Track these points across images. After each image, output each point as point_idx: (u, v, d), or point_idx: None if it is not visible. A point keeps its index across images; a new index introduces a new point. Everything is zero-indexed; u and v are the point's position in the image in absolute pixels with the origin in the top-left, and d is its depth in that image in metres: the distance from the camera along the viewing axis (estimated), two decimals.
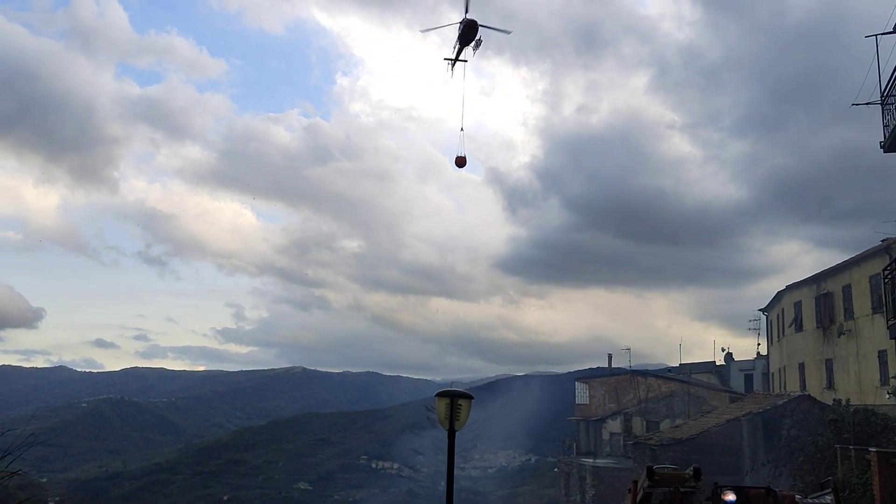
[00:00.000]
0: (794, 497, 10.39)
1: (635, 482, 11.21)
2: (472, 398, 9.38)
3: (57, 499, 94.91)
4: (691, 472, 10.30)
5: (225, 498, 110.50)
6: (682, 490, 10.18)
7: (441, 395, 9.30)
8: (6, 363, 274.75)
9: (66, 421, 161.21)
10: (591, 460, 42.92)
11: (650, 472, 10.31)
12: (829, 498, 10.14)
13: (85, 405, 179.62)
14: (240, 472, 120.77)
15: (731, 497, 10.52)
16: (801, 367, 38.32)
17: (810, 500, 10.16)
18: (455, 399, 9.19)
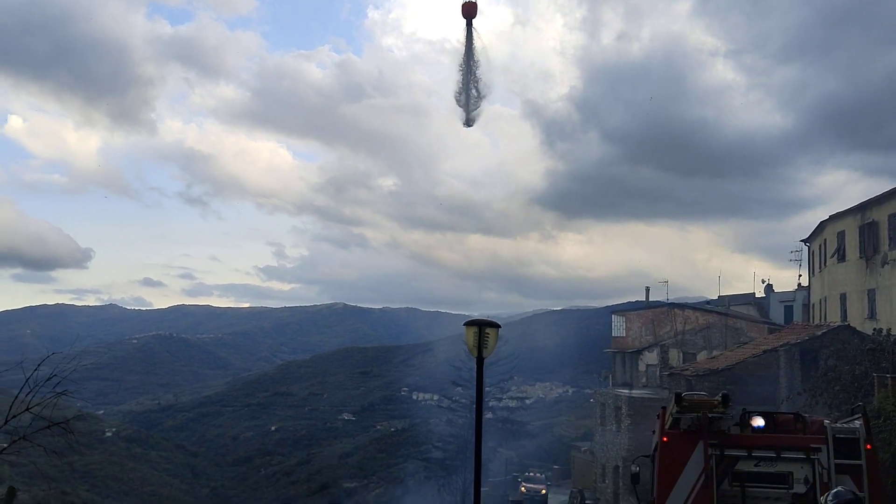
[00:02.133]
0: (823, 422, 10.42)
1: (664, 408, 11.34)
2: (500, 326, 9.53)
3: (113, 429, 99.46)
4: (720, 399, 10.38)
5: (273, 428, 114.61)
6: (709, 415, 10.29)
7: (469, 324, 9.47)
8: (59, 302, 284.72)
9: (118, 357, 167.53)
10: (627, 391, 43.25)
11: (678, 399, 10.42)
12: (858, 423, 10.14)
13: (136, 342, 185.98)
14: (286, 403, 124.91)
15: (758, 422, 10.60)
16: (843, 297, 37.77)
17: (839, 425, 10.18)
18: (483, 327, 9.35)
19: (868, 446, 9.79)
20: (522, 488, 47.52)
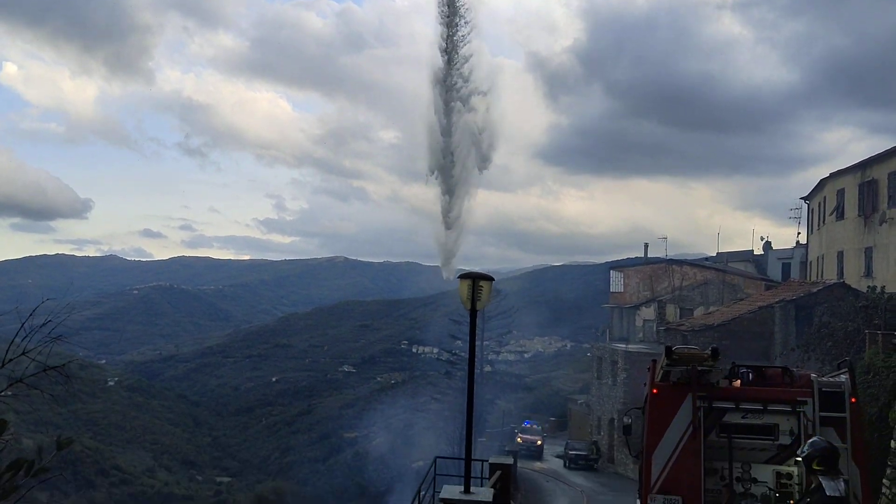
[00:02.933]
0: (810, 376, 10.61)
1: (654, 361, 11.53)
2: (493, 280, 9.64)
3: (116, 379, 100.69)
4: (709, 353, 10.55)
5: (273, 379, 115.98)
6: (699, 369, 10.47)
7: (463, 276, 9.58)
8: (60, 252, 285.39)
9: (119, 307, 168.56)
10: (624, 346, 43.74)
11: (669, 352, 10.59)
12: (844, 377, 10.33)
13: (136, 292, 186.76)
14: (286, 355, 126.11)
15: (747, 376, 10.81)
16: (840, 255, 37.94)
17: (826, 379, 10.37)
18: (476, 280, 9.46)
19: (853, 400, 9.99)
20: (519, 439, 48.29)
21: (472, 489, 8.62)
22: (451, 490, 8.74)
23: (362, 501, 44.96)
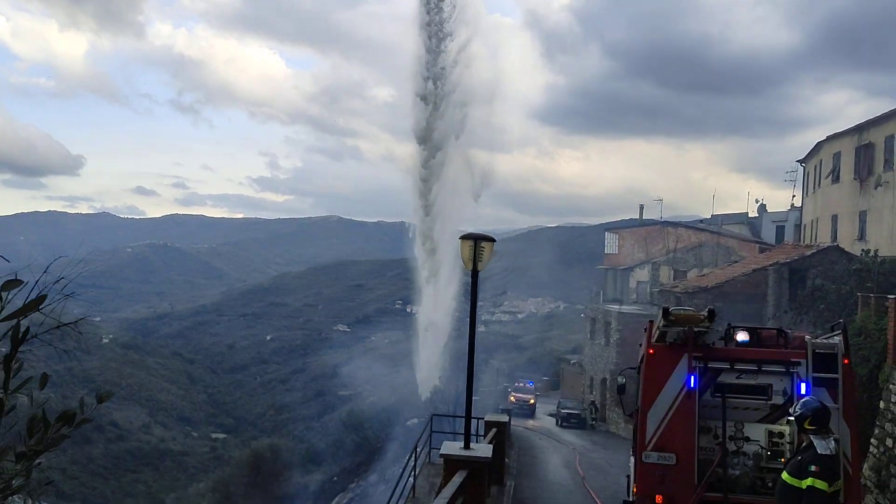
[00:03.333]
0: (804, 337, 10.75)
1: (651, 322, 11.63)
2: (494, 241, 9.66)
3: (111, 336, 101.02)
4: (706, 314, 10.65)
5: (268, 338, 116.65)
6: (695, 329, 10.59)
7: (465, 237, 9.59)
8: (52, 209, 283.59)
9: (113, 265, 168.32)
10: (617, 307, 44.05)
11: (666, 313, 10.68)
12: (837, 339, 10.47)
13: (130, 250, 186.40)
14: (281, 314, 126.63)
15: (743, 336, 10.93)
16: (834, 218, 38.06)
17: (819, 341, 10.51)
18: (478, 241, 9.48)
19: (846, 361, 10.14)
20: (512, 398, 48.86)
21: (472, 445, 8.77)
22: (452, 446, 8.89)
23: (358, 457, 45.60)
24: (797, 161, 46.64)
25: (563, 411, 44.46)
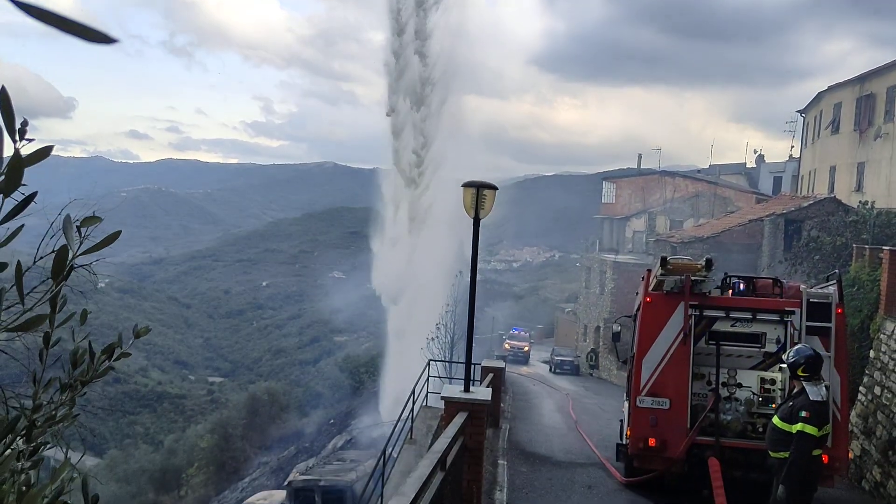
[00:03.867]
0: (799, 287, 10.89)
1: (649, 270, 11.76)
2: (497, 188, 9.67)
3: (107, 280, 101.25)
4: (703, 263, 10.77)
5: (264, 283, 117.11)
6: (692, 278, 10.72)
7: (467, 185, 9.59)
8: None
9: (107, 209, 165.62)
10: (613, 256, 44.27)
11: (663, 261, 10.80)
12: (832, 289, 10.61)
13: (125, 194, 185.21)
14: (276, 260, 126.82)
15: (738, 286, 11.10)
16: (833, 169, 38.01)
17: (815, 290, 10.65)
18: (480, 189, 9.49)
19: (839, 310, 10.30)
20: (506, 345, 49.43)
21: (471, 389, 8.95)
22: (452, 389, 9.06)
23: (354, 401, 46.30)
24: (797, 111, 46.35)
25: (556, 358, 45.06)
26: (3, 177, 1.53)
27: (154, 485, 44.63)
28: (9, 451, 1.80)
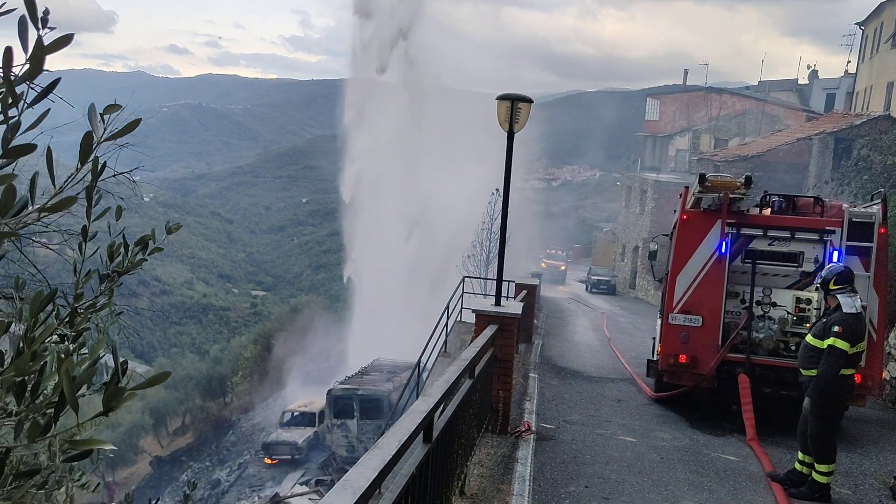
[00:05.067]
0: (842, 206, 10.66)
1: (687, 188, 11.59)
2: (532, 101, 9.52)
3: (151, 195, 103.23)
4: (742, 181, 10.58)
5: (304, 200, 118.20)
6: (731, 196, 10.55)
7: (501, 98, 9.46)
8: (87, 67, 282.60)
9: (149, 124, 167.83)
10: (655, 175, 43.57)
11: (702, 178, 10.63)
12: (876, 208, 10.36)
13: (166, 109, 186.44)
14: (316, 177, 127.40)
15: (778, 204, 10.90)
16: (890, 86, 36.41)
17: (858, 209, 10.40)
18: (515, 102, 9.36)
19: (882, 230, 10.08)
20: (543, 264, 49.54)
21: (503, 303, 9.06)
22: (484, 303, 9.19)
23: None
24: (856, 23, 44.12)
25: (593, 278, 45.14)
26: (27, 65, 1.59)
27: (200, 391, 46.63)
28: (49, 319, 1.93)
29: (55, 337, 2.22)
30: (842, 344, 7.14)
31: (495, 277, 9.88)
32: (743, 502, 7.28)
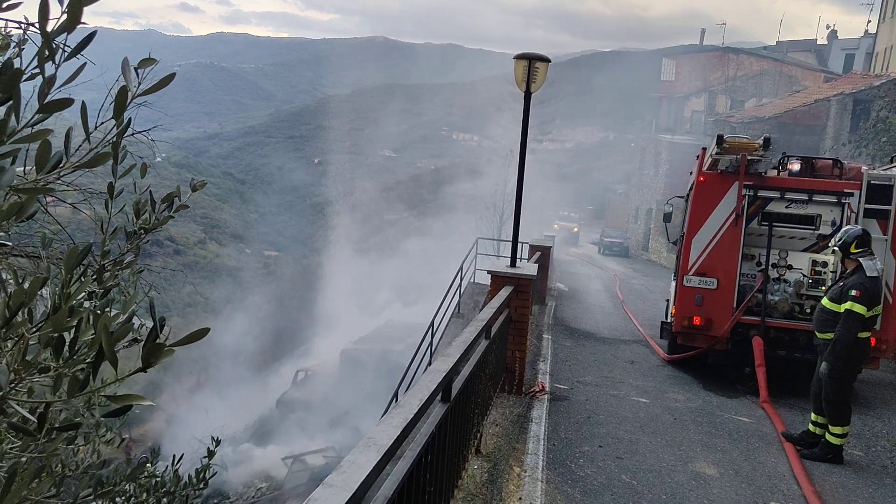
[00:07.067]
0: (861, 168, 10.54)
1: (704, 149, 11.49)
2: (549, 61, 9.40)
3: (163, 155, 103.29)
4: (760, 142, 10.46)
5: (316, 161, 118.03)
6: (748, 158, 10.45)
7: (518, 57, 9.35)
8: (98, 24, 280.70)
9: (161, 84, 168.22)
10: (669, 136, 43.12)
11: (719, 140, 10.52)
12: (895, 170, 10.25)
13: (178, 68, 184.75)
14: (328, 137, 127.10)
15: (796, 166, 10.78)
16: None
17: (878, 172, 10.30)
18: (532, 61, 9.25)
19: None
20: (556, 226, 49.44)
21: (517, 264, 9.08)
22: (499, 264, 9.21)
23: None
24: None
25: (606, 240, 45.03)
26: (65, 15, 1.59)
27: (214, 350, 47.21)
28: (83, 277, 1.96)
29: (84, 294, 2.25)
30: (859, 308, 7.13)
31: (510, 239, 9.89)
32: (755, 463, 7.35)
